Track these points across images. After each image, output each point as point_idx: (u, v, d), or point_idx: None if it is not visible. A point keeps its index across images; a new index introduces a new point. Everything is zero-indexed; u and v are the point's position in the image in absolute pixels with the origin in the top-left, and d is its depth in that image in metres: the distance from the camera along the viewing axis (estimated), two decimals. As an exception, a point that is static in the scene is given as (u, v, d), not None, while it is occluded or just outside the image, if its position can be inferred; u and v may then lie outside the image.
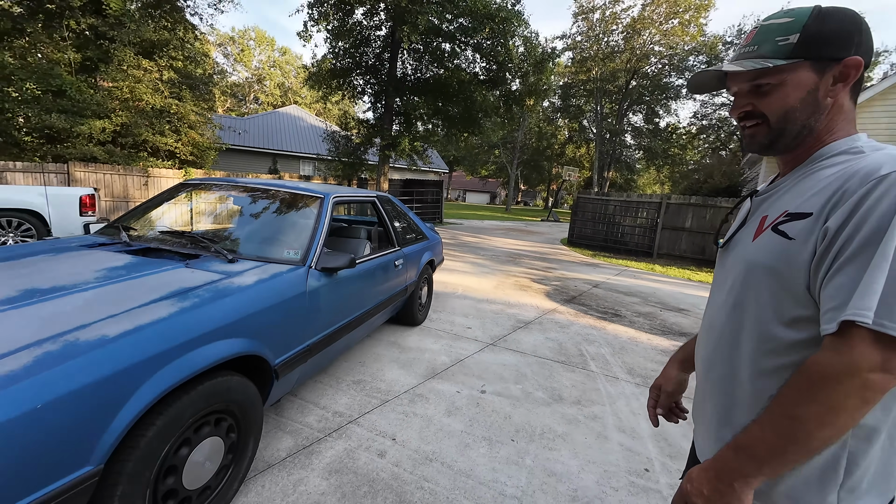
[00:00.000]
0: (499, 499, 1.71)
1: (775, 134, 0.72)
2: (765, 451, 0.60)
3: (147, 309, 1.32)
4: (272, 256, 1.98)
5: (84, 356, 1.06)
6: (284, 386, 1.86)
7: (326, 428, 2.10)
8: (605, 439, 2.21)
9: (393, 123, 13.21)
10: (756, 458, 0.61)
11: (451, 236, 11.62)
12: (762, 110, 0.71)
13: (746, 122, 0.74)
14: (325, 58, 12.29)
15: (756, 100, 0.72)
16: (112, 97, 9.30)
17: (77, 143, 8.73)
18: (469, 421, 2.27)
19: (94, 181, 8.79)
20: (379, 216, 3.08)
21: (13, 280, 1.45)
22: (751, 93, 0.72)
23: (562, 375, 2.97)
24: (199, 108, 10.98)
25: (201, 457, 1.37)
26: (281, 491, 1.65)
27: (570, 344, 3.65)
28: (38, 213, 5.48)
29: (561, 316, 4.50)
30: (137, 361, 1.14)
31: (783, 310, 0.64)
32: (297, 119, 22.52)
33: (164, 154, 10.36)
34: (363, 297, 2.46)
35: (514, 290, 5.55)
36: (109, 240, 2.03)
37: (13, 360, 0.99)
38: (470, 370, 2.92)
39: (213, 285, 1.57)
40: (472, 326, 3.88)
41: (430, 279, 3.96)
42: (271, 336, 1.65)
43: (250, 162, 18.07)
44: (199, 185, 2.57)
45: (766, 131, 0.72)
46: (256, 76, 41.09)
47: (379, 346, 3.22)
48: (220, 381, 1.41)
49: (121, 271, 1.60)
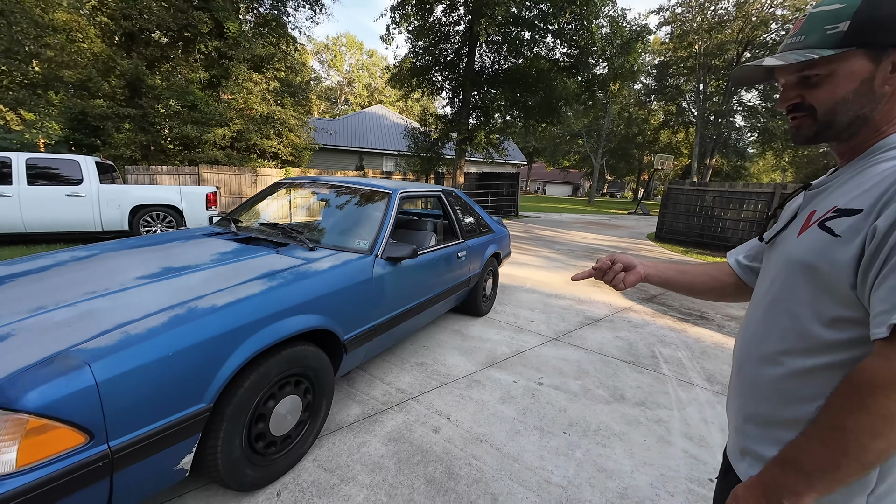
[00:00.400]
0: (543, 485, 1.76)
1: (822, 126, 0.68)
2: (814, 465, 0.57)
3: (245, 286, 1.63)
4: (345, 246, 2.24)
5: (200, 319, 1.37)
6: (353, 360, 2.11)
7: (389, 402, 2.33)
8: (667, 444, 2.11)
9: (469, 117, 13.35)
10: (805, 472, 0.58)
11: (526, 230, 11.45)
12: (811, 102, 0.67)
13: (794, 113, 0.71)
14: (405, 58, 12.85)
15: (805, 91, 0.68)
16: (230, 108, 10.86)
17: (205, 148, 10.40)
18: (522, 410, 2.33)
19: (217, 181, 10.39)
20: (444, 210, 3.24)
21: (156, 260, 1.88)
22: (799, 84, 0.69)
23: (627, 375, 2.85)
24: (297, 112, 12.30)
25: (284, 410, 1.65)
26: (347, 450, 1.90)
27: (642, 344, 3.45)
28: (177, 208, 6.70)
29: (636, 315, 4.25)
30: (237, 326, 1.43)
31: (823, 309, 0.61)
32: (381, 118, 23.87)
33: (269, 155, 11.83)
34: (425, 285, 2.64)
35: (587, 286, 5.35)
36: (223, 230, 2.49)
37: (153, 319, 1.33)
38: (529, 362, 2.96)
39: (295, 269, 1.85)
40: (537, 320, 3.88)
41: (495, 271, 4.03)
42: (341, 315, 1.89)
43: (339, 160, 19.68)
44: (291, 183, 2.98)
45: (812, 123, 0.69)
46: (347, 79, 44.34)
47: (443, 333, 3.40)
48: (299, 349, 1.68)
49: (228, 255, 1.97)
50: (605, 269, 0.99)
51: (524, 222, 13.67)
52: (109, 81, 10.35)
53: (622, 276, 0.97)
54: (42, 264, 1.79)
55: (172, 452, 1.28)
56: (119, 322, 1.29)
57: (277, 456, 1.67)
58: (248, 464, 1.53)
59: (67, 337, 1.20)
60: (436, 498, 1.65)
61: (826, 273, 0.61)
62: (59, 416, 1.03)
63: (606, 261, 0.99)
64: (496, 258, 3.99)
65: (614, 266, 0.98)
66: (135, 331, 1.25)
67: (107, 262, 1.83)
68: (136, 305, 1.40)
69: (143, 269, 1.74)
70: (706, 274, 0.99)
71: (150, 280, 1.62)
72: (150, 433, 1.20)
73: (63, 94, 10.96)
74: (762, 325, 0.72)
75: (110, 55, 10.50)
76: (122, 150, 10.02)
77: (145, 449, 1.19)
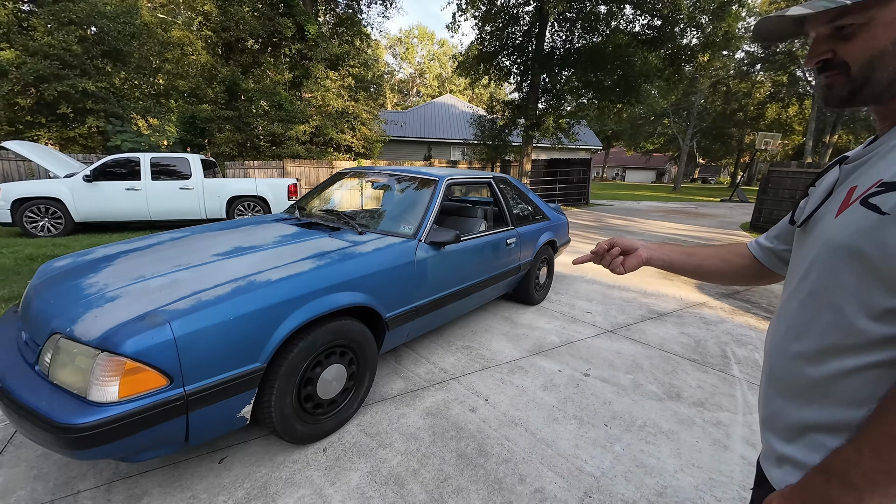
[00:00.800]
0: (574, 472, 1.74)
1: (856, 84, 0.58)
2: (865, 478, 0.51)
3: (298, 264, 1.83)
4: (391, 230, 2.37)
5: (258, 291, 1.58)
6: (396, 338, 2.25)
7: (432, 380, 2.44)
8: (723, 448, 1.94)
9: (538, 102, 12.89)
10: (853, 485, 0.52)
11: (595, 219, 10.86)
12: (843, 58, 0.59)
13: (826, 72, 0.62)
14: (471, 45, 12.74)
15: (837, 45, 0.59)
16: (310, 105, 11.76)
17: (289, 144, 11.43)
18: (563, 399, 2.30)
19: (298, 173, 11.38)
20: (494, 196, 3.24)
21: (231, 241, 2.18)
22: (831, 37, 0.60)
23: (688, 374, 2.64)
24: (368, 106, 12.92)
25: (330, 376, 1.84)
26: (388, 419, 2.06)
27: (713, 343, 3.15)
28: (264, 199, 7.51)
29: (710, 311, 3.87)
30: (288, 298, 1.63)
31: (871, 300, 0.53)
32: (450, 107, 24.03)
33: (343, 148, 12.63)
34: (470, 270, 2.69)
35: (656, 279, 4.97)
36: (289, 216, 2.78)
37: (221, 289, 1.56)
38: (578, 353, 2.87)
39: (343, 251, 2.03)
40: (594, 312, 3.72)
41: (550, 260, 3.93)
42: (383, 294, 2.03)
43: (409, 150, 20.28)
44: (349, 173, 3.20)
45: (845, 81, 0.59)
46: (418, 71, 45.23)
47: (492, 319, 3.44)
48: (344, 322, 1.85)
49: (288, 238, 2.21)
50: (602, 252, 0.96)
51: (595, 211, 12.96)
52: (213, 88, 11.82)
53: (620, 259, 0.94)
54: (148, 243, 2.19)
55: (235, 402, 1.51)
56: (195, 290, 1.54)
57: (324, 417, 1.87)
58: (298, 420, 1.74)
59: (157, 300, 1.47)
60: (464, 471, 1.72)
61: (874, 258, 0.52)
62: (147, 361, 1.28)
63: (604, 244, 0.96)
64: (551, 246, 3.89)
65: (611, 250, 0.94)
66: (206, 297, 1.49)
67: (194, 242, 2.17)
68: (209, 277, 1.66)
69: (220, 248, 2.03)
70: (717, 256, 0.91)
71: (223, 257, 1.89)
72: (217, 383, 1.43)
73: (178, 102, 12.77)
74: (799, 319, 0.63)
75: (213, 64, 11.97)
76: (222, 148, 11.43)
77: (213, 396, 1.43)
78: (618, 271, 0.94)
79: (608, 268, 0.95)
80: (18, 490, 1.55)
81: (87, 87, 10.31)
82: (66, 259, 2.03)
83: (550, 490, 1.64)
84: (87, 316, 1.42)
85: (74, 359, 1.32)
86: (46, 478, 1.61)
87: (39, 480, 1.60)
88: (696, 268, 0.92)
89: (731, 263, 0.89)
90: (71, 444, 1.20)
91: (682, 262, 0.93)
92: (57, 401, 1.26)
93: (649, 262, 0.94)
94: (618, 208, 13.99)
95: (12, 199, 6.17)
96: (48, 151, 6.81)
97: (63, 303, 1.55)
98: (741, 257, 0.88)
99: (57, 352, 1.35)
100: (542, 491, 1.63)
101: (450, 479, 1.67)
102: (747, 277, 0.88)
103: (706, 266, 0.91)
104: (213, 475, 1.66)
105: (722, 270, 0.90)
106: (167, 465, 1.70)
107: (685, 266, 0.93)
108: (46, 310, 1.54)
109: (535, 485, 1.66)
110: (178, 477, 1.65)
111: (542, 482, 1.68)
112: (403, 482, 1.65)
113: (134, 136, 9.98)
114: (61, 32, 10.14)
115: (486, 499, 1.59)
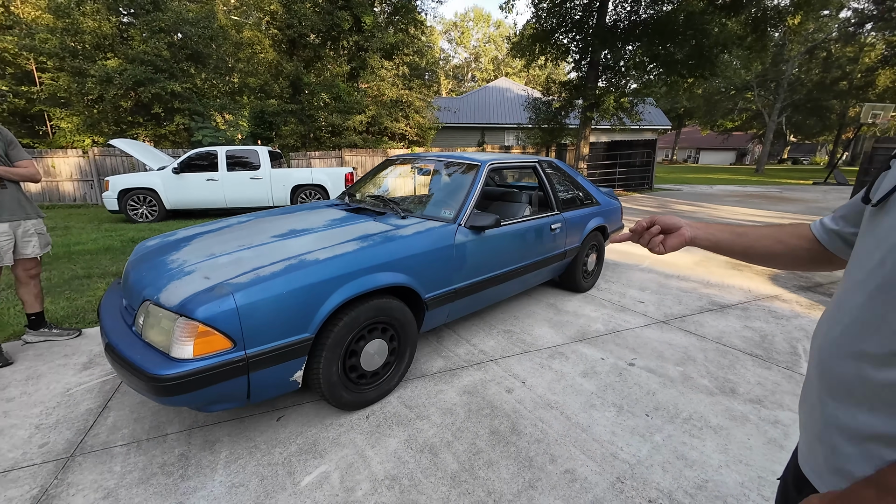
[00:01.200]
0: (608, 458, 1.73)
1: None
2: None
3: (344, 245, 1.97)
4: (432, 215, 2.45)
5: (307, 268, 1.74)
6: (436, 318, 2.34)
7: (471, 360, 2.52)
8: (778, 448, 1.80)
9: (598, 81, 12.17)
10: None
11: (659, 204, 10.16)
12: None
13: None
14: (527, 24, 12.29)
15: None
16: (366, 96, 12.16)
17: (346, 134, 11.95)
18: (603, 386, 2.26)
19: (355, 162, 11.89)
20: (539, 181, 3.19)
21: (287, 224, 2.39)
22: None
23: (747, 370, 2.45)
24: (422, 94, 13.06)
25: (372, 350, 1.98)
26: (426, 393, 2.17)
27: (782, 338, 2.88)
28: (323, 187, 7.98)
29: (782, 305, 3.52)
30: (334, 276, 1.77)
31: None
32: (505, 91, 23.47)
33: (397, 137, 12.93)
34: (511, 255, 2.70)
35: (722, 269, 4.59)
36: (340, 202, 2.96)
37: (276, 266, 1.74)
38: (624, 342, 2.78)
39: (385, 233, 2.14)
40: (646, 301, 3.55)
41: (599, 246, 3.79)
42: (422, 275, 2.12)
43: (462, 137, 20.21)
44: (396, 160, 3.32)
45: None
46: (474, 55, 44.54)
47: (536, 305, 3.42)
48: (385, 301, 1.97)
49: (337, 221, 2.37)
50: (640, 231, 0.90)
51: (660, 196, 12.11)
52: (279, 83, 12.65)
53: (660, 238, 0.88)
54: (219, 226, 2.47)
55: (288, 367, 1.69)
56: (255, 266, 1.74)
57: (367, 387, 2.02)
58: (343, 388, 1.90)
59: (223, 274, 1.69)
60: (496, 447, 1.79)
61: None
62: (215, 326, 1.49)
63: (643, 222, 0.90)
64: (601, 232, 3.75)
65: (651, 228, 0.88)
66: (263, 273, 1.68)
67: (256, 225, 2.42)
68: (267, 255, 1.85)
69: (277, 230, 2.25)
70: (771, 237, 0.81)
71: (280, 238, 2.09)
72: (272, 349, 1.61)
73: (250, 98, 13.84)
74: (866, 315, 0.56)
75: (279, 61, 12.77)
76: (288, 140, 12.26)
77: (269, 360, 1.62)
78: (657, 251, 0.89)
79: (647, 247, 0.90)
80: (123, 429, 1.88)
81: (174, 89, 11.53)
82: (155, 240, 2.36)
83: (581, 472, 1.65)
84: (170, 286, 1.66)
85: (160, 321, 1.56)
86: (143, 420, 1.93)
87: (138, 423, 1.92)
88: (746, 249, 0.84)
89: (787, 246, 0.80)
90: (158, 391, 1.43)
91: (729, 242, 0.85)
92: (148, 356, 1.51)
93: (693, 242, 0.87)
94: (686, 193, 12.94)
95: (118, 190, 7.17)
96: (145, 147, 7.77)
97: (152, 275, 1.82)
98: (801, 239, 0.79)
99: (147, 315, 1.61)
100: (573, 472, 1.65)
101: (481, 453, 1.75)
102: (805, 262, 0.80)
103: (758, 248, 0.83)
104: (271, 430, 1.88)
105: (775, 253, 0.82)
106: (234, 419, 1.96)
107: (733, 247, 0.85)
108: (140, 281, 1.83)
109: (565, 466, 1.68)
110: (244, 429, 1.89)
111: (574, 464, 1.69)
112: (437, 451, 1.75)
113: (213, 132, 11.04)
114: (153, 40, 11.39)
115: (515, 474, 1.64)
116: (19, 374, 2.33)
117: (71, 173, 10.22)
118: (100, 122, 12.07)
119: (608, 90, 11.78)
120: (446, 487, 1.57)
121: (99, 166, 10.26)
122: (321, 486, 1.57)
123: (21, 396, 2.11)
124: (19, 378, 2.28)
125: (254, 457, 1.72)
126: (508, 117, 20.66)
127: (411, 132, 13.03)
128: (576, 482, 1.60)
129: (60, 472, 1.63)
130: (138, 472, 1.63)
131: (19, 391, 2.16)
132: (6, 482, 1.57)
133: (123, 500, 1.49)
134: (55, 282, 3.85)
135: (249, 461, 1.69)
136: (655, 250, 0.90)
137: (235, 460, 1.70)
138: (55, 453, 1.72)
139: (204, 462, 1.69)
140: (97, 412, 2.00)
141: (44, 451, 1.73)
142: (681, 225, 0.88)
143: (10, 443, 1.78)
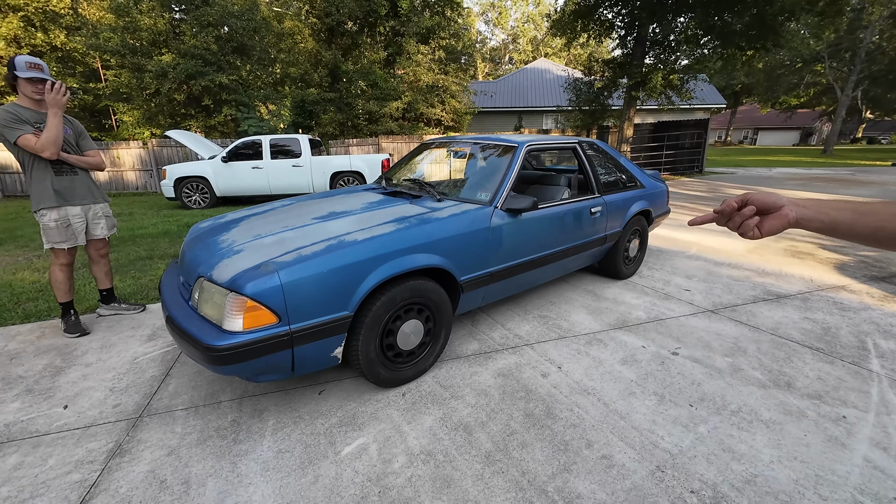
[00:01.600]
0: (647, 446, 1.68)
1: None
2: None
3: (381, 227, 2.01)
4: (467, 197, 2.43)
5: (346, 249, 1.79)
6: (471, 301, 2.34)
7: (506, 344, 2.51)
8: (840, 446, 1.67)
9: (645, 57, 11.46)
10: None
11: (710, 188, 9.53)
12: None
13: None
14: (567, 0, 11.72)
15: None
16: (402, 82, 12.16)
17: (383, 121, 12.05)
18: (644, 375, 2.18)
19: (392, 149, 12.00)
20: (580, 163, 3.07)
21: (327, 207, 2.47)
22: None
23: (805, 363, 2.28)
24: (458, 78, 12.88)
25: (408, 329, 2.02)
26: (461, 374, 2.19)
27: (848, 331, 2.65)
28: (361, 174, 8.13)
29: (849, 296, 3.22)
30: (371, 257, 1.81)
31: None
32: (543, 72, 22.67)
33: (433, 122, 12.88)
34: (548, 238, 2.64)
35: (780, 256, 4.26)
36: (377, 185, 3.01)
37: (317, 246, 1.81)
38: (668, 330, 2.66)
39: (421, 216, 2.15)
40: (692, 289, 3.37)
41: (643, 231, 3.62)
42: (457, 258, 2.12)
43: (499, 121, 19.81)
44: (432, 144, 3.31)
45: None
46: (511, 36, 43.19)
47: (574, 291, 3.34)
48: (421, 282, 2.00)
49: (374, 205, 2.41)
50: (729, 212, 0.72)
51: (710, 179, 11.35)
52: (318, 72, 12.91)
53: (755, 220, 0.70)
54: (264, 209, 2.59)
55: (328, 343, 1.76)
56: (297, 246, 1.81)
57: (404, 366, 2.07)
58: (381, 365, 1.96)
59: (269, 253, 1.77)
60: (530, 429, 1.78)
61: None
62: (262, 301, 1.57)
63: (733, 201, 0.72)
64: (645, 216, 3.58)
65: (743, 209, 0.70)
66: (305, 252, 1.75)
67: (299, 208, 2.51)
68: (309, 236, 1.92)
69: (318, 212, 2.32)
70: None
71: (320, 220, 2.16)
72: (314, 325, 1.69)
73: (291, 88, 14.25)
74: None
75: (318, 50, 13.00)
76: (327, 128, 12.55)
77: (311, 335, 1.69)
78: (751, 235, 0.71)
79: (738, 231, 0.72)
80: (183, 395, 2.05)
81: (222, 81, 12.08)
82: (207, 222, 2.52)
83: (619, 459, 1.61)
84: (221, 264, 1.77)
85: (213, 296, 1.67)
86: (200, 388, 2.10)
87: (196, 390, 2.09)
88: (874, 231, 0.65)
89: None
90: (213, 360, 1.54)
91: (850, 223, 0.66)
92: (203, 328, 1.62)
93: (799, 224, 0.69)
94: (740, 176, 12.03)
95: (174, 178, 7.67)
96: (197, 138, 8.24)
97: (205, 254, 1.95)
98: None
99: (201, 291, 1.73)
100: (610, 458, 1.62)
101: (515, 435, 1.75)
102: None
103: (891, 229, 0.63)
104: (314, 403, 1.98)
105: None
106: (280, 391, 2.08)
107: (855, 228, 0.66)
108: (195, 259, 1.96)
109: (602, 451, 1.65)
110: (289, 401, 2.00)
111: (611, 450, 1.66)
112: (472, 430, 1.78)
113: (258, 122, 11.50)
114: (202, 34, 11.94)
115: (550, 456, 1.63)
116: (95, 342, 2.59)
117: (133, 163, 11.06)
118: (157, 115, 12.90)
119: (656, 67, 11.07)
120: (480, 465, 1.59)
121: (157, 156, 11.02)
122: (360, 456, 1.64)
123: (97, 363, 2.35)
124: (95, 346, 2.54)
125: (298, 426, 1.82)
126: (547, 100, 19.97)
127: (447, 117, 12.93)
128: (613, 468, 1.57)
129: (131, 430, 1.80)
130: (196, 433, 1.78)
131: (95, 357, 2.40)
132: (87, 436, 1.76)
133: (184, 458, 1.64)
134: (122, 262, 4.21)
135: (294, 430, 1.79)
136: (749, 235, 0.72)
137: (281, 428, 1.80)
138: (126, 413, 1.91)
139: (254, 428, 1.81)
140: (160, 379, 2.19)
141: (117, 411, 1.92)
142: (782, 204, 0.69)
143: (90, 402, 1.99)
